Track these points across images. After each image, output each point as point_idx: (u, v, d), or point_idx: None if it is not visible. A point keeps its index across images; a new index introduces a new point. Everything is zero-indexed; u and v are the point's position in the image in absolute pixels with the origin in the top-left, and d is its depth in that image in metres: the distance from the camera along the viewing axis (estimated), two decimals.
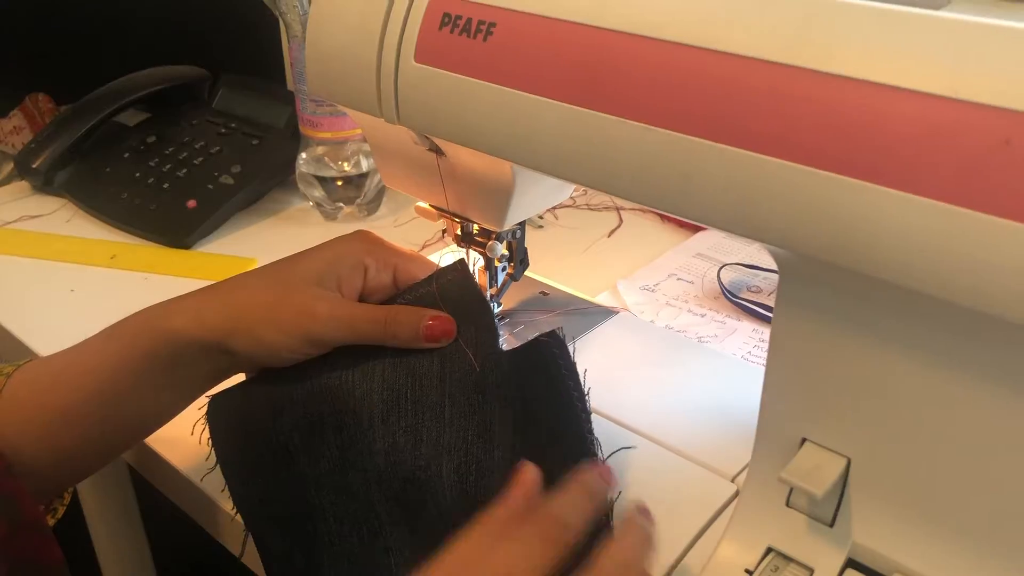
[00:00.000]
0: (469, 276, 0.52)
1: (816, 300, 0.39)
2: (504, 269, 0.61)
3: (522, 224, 0.59)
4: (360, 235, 0.54)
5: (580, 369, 0.48)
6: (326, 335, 0.49)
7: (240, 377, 0.55)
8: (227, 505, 0.56)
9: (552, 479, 0.46)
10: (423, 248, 0.88)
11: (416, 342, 0.49)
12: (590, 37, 0.39)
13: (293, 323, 0.48)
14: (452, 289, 0.51)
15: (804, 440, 0.42)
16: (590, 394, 0.48)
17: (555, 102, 0.41)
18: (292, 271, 0.51)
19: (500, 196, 0.52)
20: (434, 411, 0.48)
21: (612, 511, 0.46)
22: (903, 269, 0.33)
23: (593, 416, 0.53)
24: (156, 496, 0.67)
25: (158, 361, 0.50)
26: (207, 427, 0.53)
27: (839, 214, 0.33)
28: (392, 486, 0.47)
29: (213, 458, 0.53)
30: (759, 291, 0.84)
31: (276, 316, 0.49)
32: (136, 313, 0.52)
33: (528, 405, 0.48)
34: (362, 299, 0.52)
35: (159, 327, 0.50)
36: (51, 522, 0.58)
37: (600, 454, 0.46)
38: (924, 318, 0.36)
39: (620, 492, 0.49)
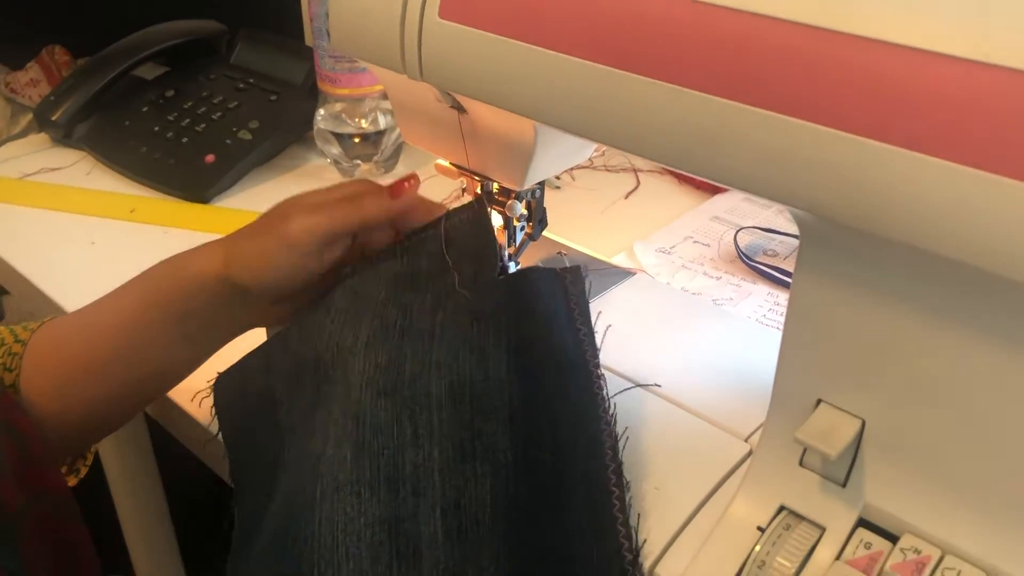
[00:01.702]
0: (484, 216, 0.51)
1: (836, 263, 0.39)
2: (523, 228, 0.61)
3: (541, 184, 0.59)
4: (359, 180, 0.56)
5: (596, 326, 0.48)
6: (303, 231, 0.50)
7: None
8: None
9: (553, 412, 0.45)
10: None
11: (386, 206, 0.52)
12: None
13: (272, 231, 0.51)
14: (462, 229, 0.51)
15: (819, 401, 0.43)
16: (603, 348, 0.49)
17: (581, 60, 0.41)
18: (284, 203, 0.54)
19: (521, 155, 0.52)
20: (423, 336, 0.47)
21: (622, 466, 0.46)
22: (931, 234, 0.33)
23: (608, 374, 0.54)
24: (175, 451, 0.68)
25: (178, 302, 0.52)
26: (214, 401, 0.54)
27: (866, 178, 0.33)
28: (370, 409, 0.44)
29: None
30: (775, 255, 0.84)
31: (260, 232, 0.52)
32: (155, 264, 0.54)
33: (527, 332, 0.47)
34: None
35: (179, 266, 0.52)
36: (74, 482, 0.59)
37: (606, 389, 0.46)
38: (945, 282, 0.36)
39: (628, 437, 0.48)
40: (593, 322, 0.48)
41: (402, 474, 0.43)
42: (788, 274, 0.79)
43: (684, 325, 0.59)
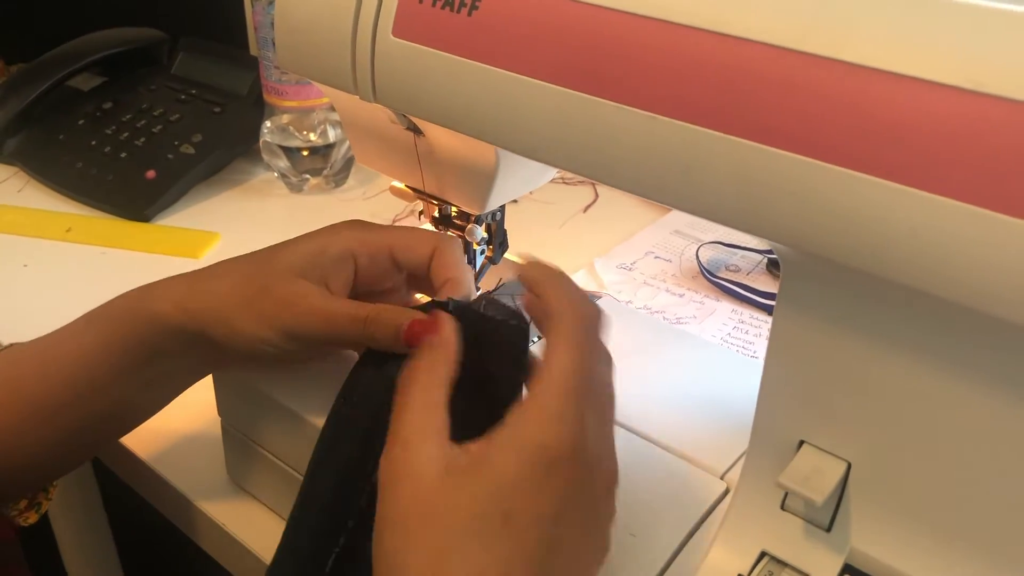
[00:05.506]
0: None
1: (820, 299, 0.37)
2: (483, 252, 0.58)
3: (502, 206, 0.56)
4: (349, 224, 0.50)
5: None
6: (302, 330, 0.45)
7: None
8: (202, 503, 0.54)
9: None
10: (393, 223, 0.85)
11: (395, 344, 0.44)
12: (586, 15, 0.36)
13: (271, 314, 0.45)
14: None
15: (802, 442, 0.40)
16: None
17: (545, 84, 0.38)
18: (275, 261, 0.48)
19: (482, 179, 0.49)
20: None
21: None
22: (919, 272, 0.31)
23: None
24: (121, 493, 0.65)
25: (140, 349, 0.48)
26: None
27: (851, 212, 0.31)
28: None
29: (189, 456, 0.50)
30: (738, 270, 0.83)
31: (255, 307, 0.46)
32: (118, 297, 0.49)
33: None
34: (361, 290, 0.49)
35: (142, 311, 0.48)
36: (34, 518, 0.56)
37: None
38: (933, 320, 0.35)
39: None
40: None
41: None
42: (751, 291, 0.77)
43: (651, 353, 0.57)
